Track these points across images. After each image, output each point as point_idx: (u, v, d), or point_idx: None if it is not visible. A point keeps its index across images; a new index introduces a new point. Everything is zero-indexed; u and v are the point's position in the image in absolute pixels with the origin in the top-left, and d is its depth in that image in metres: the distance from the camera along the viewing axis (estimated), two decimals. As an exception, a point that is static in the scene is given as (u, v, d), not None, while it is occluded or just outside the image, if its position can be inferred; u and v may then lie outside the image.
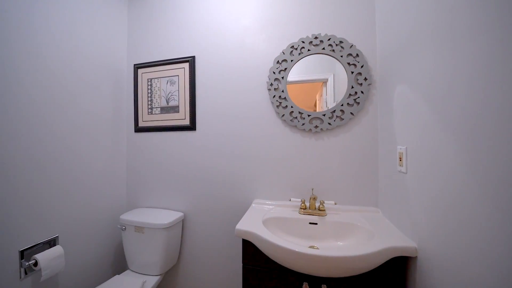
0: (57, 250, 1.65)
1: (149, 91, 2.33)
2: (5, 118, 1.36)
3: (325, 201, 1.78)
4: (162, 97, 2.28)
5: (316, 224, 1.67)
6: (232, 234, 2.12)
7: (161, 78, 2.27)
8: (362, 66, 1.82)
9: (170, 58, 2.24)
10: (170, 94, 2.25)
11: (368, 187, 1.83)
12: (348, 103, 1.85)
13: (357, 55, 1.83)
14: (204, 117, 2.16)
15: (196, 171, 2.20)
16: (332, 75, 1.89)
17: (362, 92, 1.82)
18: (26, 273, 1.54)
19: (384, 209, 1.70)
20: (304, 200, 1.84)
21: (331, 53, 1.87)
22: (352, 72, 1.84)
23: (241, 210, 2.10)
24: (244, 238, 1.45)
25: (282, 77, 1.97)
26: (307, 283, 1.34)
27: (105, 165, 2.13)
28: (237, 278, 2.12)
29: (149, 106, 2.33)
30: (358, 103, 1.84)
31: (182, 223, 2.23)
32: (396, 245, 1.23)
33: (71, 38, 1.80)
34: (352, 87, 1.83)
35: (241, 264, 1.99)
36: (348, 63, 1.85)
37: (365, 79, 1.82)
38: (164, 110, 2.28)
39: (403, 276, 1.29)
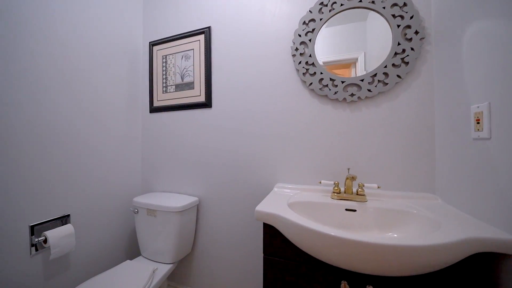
0: (67, 228, 1.55)
1: (164, 68, 2.20)
2: (18, 96, 1.27)
3: (365, 184, 1.44)
4: (177, 73, 2.13)
5: (354, 211, 1.35)
6: (253, 224, 1.87)
7: (175, 54, 2.12)
8: (411, 17, 1.46)
9: (185, 32, 2.08)
10: (185, 70, 2.09)
11: (420, 168, 1.45)
12: (393, 64, 1.49)
13: (405, 3, 1.47)
14: (220, 93, 1.96)
15: (213, 153, 2.00)
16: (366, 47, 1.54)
17: (412, 48, 1.46)
18: (36, 250, 1.46)
19: (447, 194, 1.31)
20: (338, 183, 1.52)
21: (371, 5, 1.54)
22: (399, 26, 1.48)
23: (261, 195, 1.84)
24: (265, 221, 1.19)
25: (310, 40, 1.68)
26: (345, 282, 1.03)
27: (119, 147, 2.03)
28: (258, 274, 1.86)
29: (164, 84, 2.20)
30: (407, 62, 1.47)
31: (197, 209, 2.04)
32: (484, 236, 0.87)
33: (85, 13, 1.72)
34: (399, 44, 1.48)
35: (262, 257, 1.73)
36: (393, 15, 1.50)
37: (416, 32, 1.45)
38: (179, 87, 2.13)
39: (488, 280, 0.92)
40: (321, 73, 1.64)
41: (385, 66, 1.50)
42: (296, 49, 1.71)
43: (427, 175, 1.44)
